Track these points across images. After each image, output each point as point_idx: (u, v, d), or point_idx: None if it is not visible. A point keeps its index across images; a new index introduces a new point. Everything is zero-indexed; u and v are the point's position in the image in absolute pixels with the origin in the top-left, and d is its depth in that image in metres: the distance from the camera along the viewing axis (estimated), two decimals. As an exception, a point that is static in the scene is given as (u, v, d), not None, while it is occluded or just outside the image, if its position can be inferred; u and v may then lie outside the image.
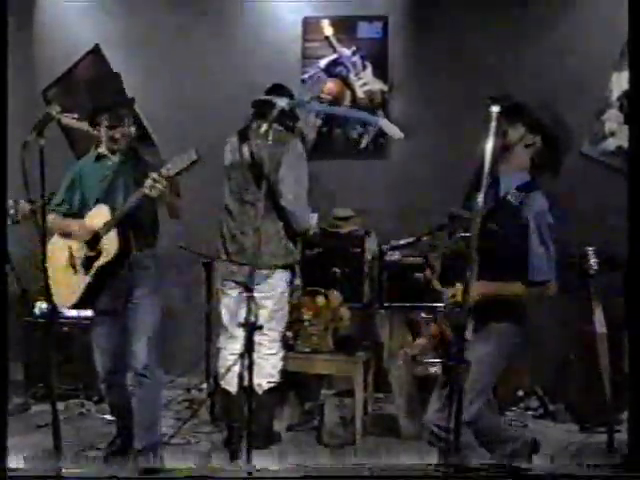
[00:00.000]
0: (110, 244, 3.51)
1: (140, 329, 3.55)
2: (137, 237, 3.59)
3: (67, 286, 3.59)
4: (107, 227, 3.51)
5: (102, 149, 3.69)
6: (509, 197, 3.02)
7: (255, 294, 2.82)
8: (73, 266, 3.62)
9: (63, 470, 2.90)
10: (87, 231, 3.56)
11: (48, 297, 3.07)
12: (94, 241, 3.54)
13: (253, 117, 4.13)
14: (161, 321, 3.64)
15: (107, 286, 3.60)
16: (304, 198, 4.09)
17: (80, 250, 3.60)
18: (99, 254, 3.53)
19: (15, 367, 4.72)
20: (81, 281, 3.58)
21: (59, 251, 3.66)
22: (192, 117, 5.45)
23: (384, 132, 4.99)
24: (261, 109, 4.03)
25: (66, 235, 3.66)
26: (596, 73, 5.10)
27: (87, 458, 3.82)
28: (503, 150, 3.01)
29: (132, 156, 3.68)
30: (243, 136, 4.14)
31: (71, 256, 3.64)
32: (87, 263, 3.57)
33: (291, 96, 4.11)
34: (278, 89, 4.13)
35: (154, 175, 3.30)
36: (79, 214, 3.67)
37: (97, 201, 3.60)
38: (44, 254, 2.96)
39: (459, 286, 2.89)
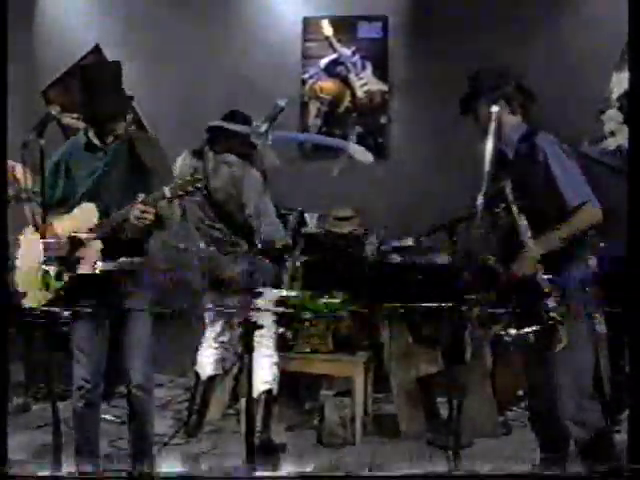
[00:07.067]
0: (92, 253, 3.08)
1: (134, 346, 3.25)
2: (125, 245, 3.17)
3: (40, 287, 3.04)
4: (92, 234, 3.10)
5: (92, 136, 3.24)
6: (520, 150, 3.03)
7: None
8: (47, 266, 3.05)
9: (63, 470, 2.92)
10: (68, 231, 3.13)
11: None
12: (74, 245, 3.11)
13: (207, 143, 4.01)
14: (154, 330, 3.33)
15: (88, 291, 3.15)
16: (274, 221, 3.99)
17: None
18: (78, 260, 3.10)
19: (15, 367, 4.72)
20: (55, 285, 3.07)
21: (34, 246, 3.07)
22: (191, 116, 5.42)
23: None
24: (216, 135, 3.96)
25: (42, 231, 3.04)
26: (596, 73, 5.10)
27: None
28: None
29: (127, 149, 3.23)
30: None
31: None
32: (64, 266, 3.07)
33: (247, 121, 3.93)
34: (233, 116, 4.00)
35: (140, 206, 2.99)
36: (60, 206, 3.22)
37: (83, 195, 3.19)
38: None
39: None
